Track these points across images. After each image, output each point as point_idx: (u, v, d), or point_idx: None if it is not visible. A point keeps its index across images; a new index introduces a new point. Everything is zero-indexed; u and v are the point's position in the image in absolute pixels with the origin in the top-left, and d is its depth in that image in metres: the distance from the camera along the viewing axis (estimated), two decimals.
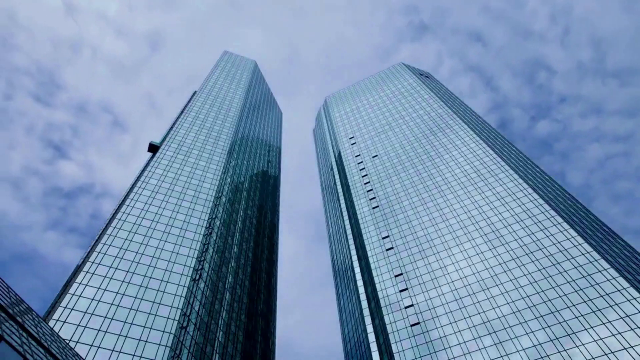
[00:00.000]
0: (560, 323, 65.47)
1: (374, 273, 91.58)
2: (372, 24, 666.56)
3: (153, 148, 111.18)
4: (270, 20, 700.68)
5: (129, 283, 68.83)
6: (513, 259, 79.31)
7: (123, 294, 66.48)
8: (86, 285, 65.44)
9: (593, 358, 59.13)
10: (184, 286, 72.23)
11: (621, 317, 62.11)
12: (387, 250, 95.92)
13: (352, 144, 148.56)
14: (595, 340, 61.04)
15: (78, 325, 58.98)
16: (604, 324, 62.51)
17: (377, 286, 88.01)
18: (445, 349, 70.35)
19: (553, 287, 70.96)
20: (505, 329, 68.82)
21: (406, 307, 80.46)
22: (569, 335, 63.35)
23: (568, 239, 77.80)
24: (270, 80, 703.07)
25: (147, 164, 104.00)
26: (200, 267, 79.13)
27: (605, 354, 58.82)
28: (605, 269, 69.56)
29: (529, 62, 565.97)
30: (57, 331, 56.96)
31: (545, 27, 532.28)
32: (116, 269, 70.43)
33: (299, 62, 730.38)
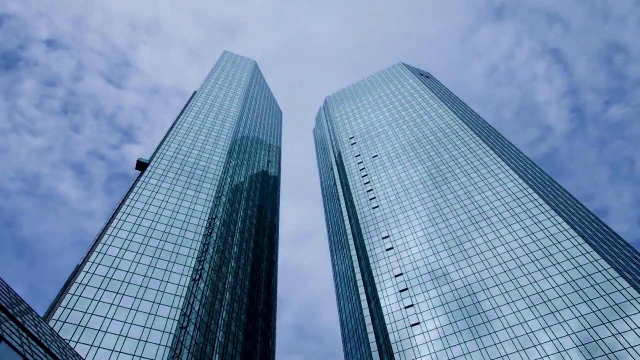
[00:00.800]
0: (560, 323, 65.47)
1: (374, 273, 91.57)
2: (447, 5, 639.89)
3: (141, 165, 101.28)
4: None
5: (129, 283, 68.82)
6: (513, 259, 79.31)
7: (123, 294, 66.48)
8: (86, 285, 65.44)
9: (593, 358, 59.13)
10: (184, 286, 72.23)
11: (621, 317, 62.12)
12: (387, 250, 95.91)
13: (352, 144, 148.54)
14: (595, 340, 61.04)
15: (78, 325, 58.97)
16: (604, 324, 62.50)
17: (377, 286, 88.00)
18: (445, 349, 70.34)
19: (553, 287, 70.96)
20: (505, 329, 68.81)
21: (406, 307, 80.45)
22: (569, 335, 63.34)
23: (568, 239, 77.79)
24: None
25: (148, 164, 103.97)
26: (200, 267, 79.13)
27: (606, 354, 58.81)
28: (605, 269, 69.55)
29: (607, 45, 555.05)
30: (57, 331, 56.95)
31: (626, 10, 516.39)
32: (116, 269, 70.43)
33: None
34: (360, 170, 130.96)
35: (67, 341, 56.01)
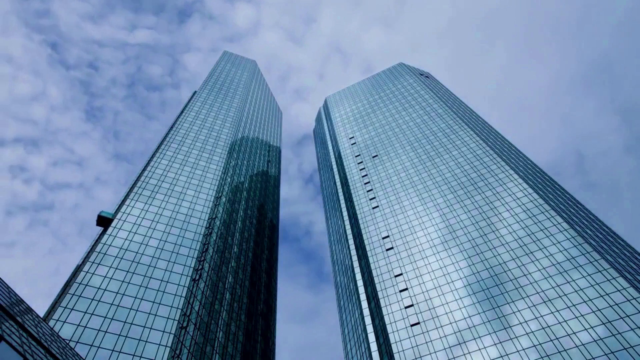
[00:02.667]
0: (560, 323, 65.48)
1: (374, 273, 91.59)
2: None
3: (102, 221, 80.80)
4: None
5: (129, 283, 68.84)
6: (513, 259, 79.31)
7: (123, 294, 66.49)
8: (86, 285, 65.46)
9: (593, 358, 59.14)
10: (184, 286, 72.24)
11: (621, 317, 62.12)
12: (387, 250, 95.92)
13: (352, 144, 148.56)
14: (595, 341, 61.05)
15: (78, 325, 58.99)
16: (604, 324, 62.51)
17: (377, 286, 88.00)
18: (445, 349, 70.36)
19: (553, 287, 70.96)
20: (505, 329, 68.83)
21: (406, 307, 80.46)
22: (569, 335, 63.36)
23: (568, 239, 77.79)
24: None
25: (147, 164, 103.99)
26: (200, 267, 79.14)
27: (606, 354, 58.83)
28: (605, 269, 69.56)
29: None
30: (57, 331, 56.95)
31: None
32: (116, 269, 70.45)
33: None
34: (360, 170, 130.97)
35: (67, 341, 56.01)
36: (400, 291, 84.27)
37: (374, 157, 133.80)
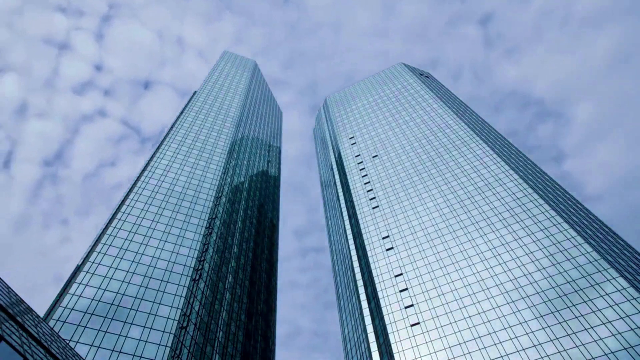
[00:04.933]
0: (560, 323, 65.48)
1: (374, 273, 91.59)
2: None
3: None
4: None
5: (129, 283, 68.85)
6: (513, 259, 79.32)
7: (123, 294, 66.50)
8: (86, 285, 65.46)
9: (593, 358, 59.13)
10: (184, 286, 72.25)
11: (621, 317, 62.12)
12: (387, 250, 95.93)
13: (352, 144, 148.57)
14: (595, 340, 61.05)
15: (78, 325, 58.99)
16: (604, 324, 62.51)
17: (377, 286, 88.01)
18: (445, 349, 70.35)
19: (553, 287, 70.97)
20: (505, 329, 68.82)
21: (406, 307, 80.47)
22: (569, 335, 63.36)
23: (568, 239, 77.80)
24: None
25: (147, 164, 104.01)
26: (200, 267, 79.14)
27: (605, 354, 58.83)
28: (605, 269, 69.56)
29: None
30: (57, 331, 56.95)
31: None
32: (116, 268, 70.46)
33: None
34: (360, 170, 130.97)
35: (67, 341, 56.01)
36: (400, 291, 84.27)
37: (374, 157, 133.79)
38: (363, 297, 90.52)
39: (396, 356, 72.51)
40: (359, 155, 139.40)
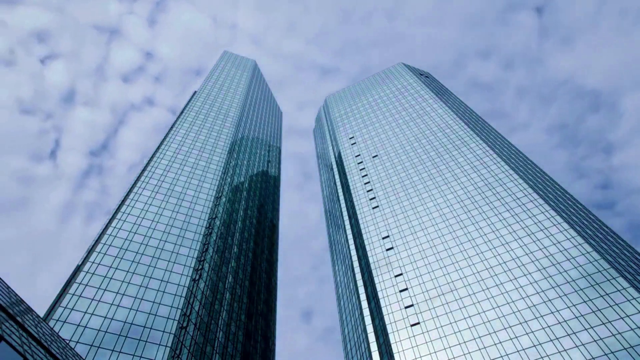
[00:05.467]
0: (560, 323, 65.47)
1: (374, 273, 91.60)
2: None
3: None
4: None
5: (129, 283, 68.84)
6: (513, 259, 79.32)
7: (123, 294, 66.50)
8: (86, 285, 65.45)
9: (593, 358, 59.13)
10: (184, 286, 72.24)
11: (621, 317, 62.11)
12: (387, 250, 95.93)
13: (352, 144, 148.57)
14: (595, 340, 61.04)
15: (78, 325, 58.98)
16: (604, 324, 62.51)
17: (377, 286, 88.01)
18: (445, 349, 70.35)
19: (553, 287, 70.96)
20: (505, 329, 68.82)
21: (406, 307, 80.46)
22: (569, 335, 63.35)
23: (568, 239, 77.79)
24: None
25: (147, 164, 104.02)
26: (200, 267, 79.13)
27: (605, 354, 58.82)
28: (605, 269, 69.55)
29: None
30: (57, 331, 56.95)
31: None
32: (116, 269, 70.45)
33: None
34: (360, 170, 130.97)
35: (67, 341, 56.01)
36: (400, 291, 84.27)
37: (374, 157, 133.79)
38: (363, 297, 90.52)
39: (396, 356, 72.51)
40: (359, 155, 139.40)
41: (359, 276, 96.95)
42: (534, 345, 64.34)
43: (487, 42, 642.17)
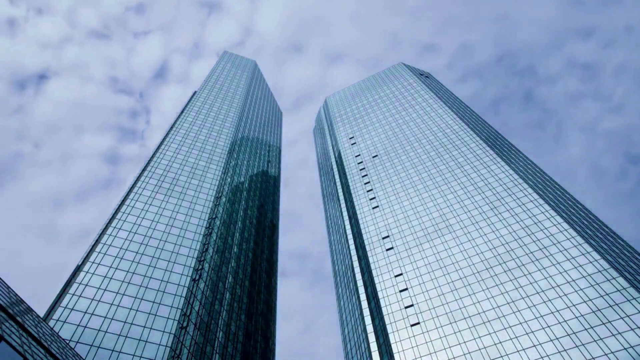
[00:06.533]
0: (560, 323, 65.47)
1: (374, 273, 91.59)
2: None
3: None
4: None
5: (129, 283, 68.83)
6: (513, 259, 79.32)
7: (123, 294, 66.49)
8: (86, 285, 65.45)
9: (593, 358, 59.13)
10: (184, 286, 72.24)
11: (621, 317, 62.12)
12: (387, 250, 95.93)
13: (352, 144, 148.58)
14: (595, 341, 61.05)
15: (78, 325, 58.98)
16: (604, 324, 62.51)
17: (377, 286, 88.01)
18: (445, 349, 70.35)
19: (553, 287, 70.96)
20: (505, 329, 68.82)
21: (406, 307, 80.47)
22: (569, 335, 63.35)
23: (568, 239, 77.79)
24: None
25: (147, 164, 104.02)
26: (200, 267, 79.13)
27: (605, 354, 58.82)
28: (605, 269, 69.56)
29: None
30: (57, 331, 56.95)
31: None
32: (116, 269, 70.44)
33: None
34: (360, 170, 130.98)
35: (67, 341, 56.00)
36: (400, 291, 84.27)
37: (374, 157, 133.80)
38: (363, 297, 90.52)
39: (396, 356, 72.52)
40: (359, 155, 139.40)
41: (359, 276, 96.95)
42: (534, 345, 64.34)
43: (588, 20, 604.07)
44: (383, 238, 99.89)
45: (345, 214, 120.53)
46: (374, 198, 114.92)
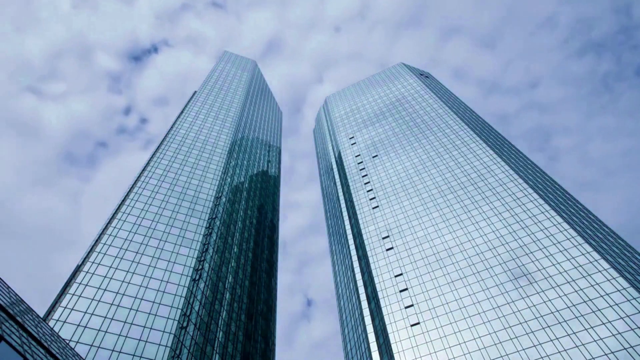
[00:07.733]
0: (560, 323, 65.48)
1: (374, 273, 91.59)
2: None
3: None
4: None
5: (129, 283, 68.83)
6: (513, 260, 79.32)
7: (123, 294, 66.49)
8: (86, 285, 65.44)
9: (593, 358, 59.13)
10: (184, 286, 72.23)
11: (621, 317, 62.12)
12: (387, 250, 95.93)
13: (352, 144, 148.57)
14: (595, 340, 61.05)
15: (78, 325, 58.98)
16: (604, 324, 62.52)
17: (377, 286, 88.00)
18: (445, 349, 70.35)
19: (553, 287, 70.97)
20: (505, 329, 68.83)
21: (406, 307, 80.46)
22: (569, 335, 63.36)
23: (568, 239, 77.80)
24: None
25: (147, 164, 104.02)
26: (200, 267, 79.13)
27: (605, 354, 58.82)
28: (605, 269, 69.57)
29: None
30: (57, 331, 56.95)
31: None
32: (116, 269, 70.44)
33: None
34: (360, 170, 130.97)
35: (67, 341, 56.00)
36: (400, 291, 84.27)
37: (374, 157, 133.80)
38: (363, 297, 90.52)
39: (396, 356, 72.51)
40: (359, 155, 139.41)
41: (359, 276, 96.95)
42: (534, 346, 64.34)
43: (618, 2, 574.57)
44: (383, 238, 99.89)
45: (345, 214, 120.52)
46: (374, 198, 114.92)
